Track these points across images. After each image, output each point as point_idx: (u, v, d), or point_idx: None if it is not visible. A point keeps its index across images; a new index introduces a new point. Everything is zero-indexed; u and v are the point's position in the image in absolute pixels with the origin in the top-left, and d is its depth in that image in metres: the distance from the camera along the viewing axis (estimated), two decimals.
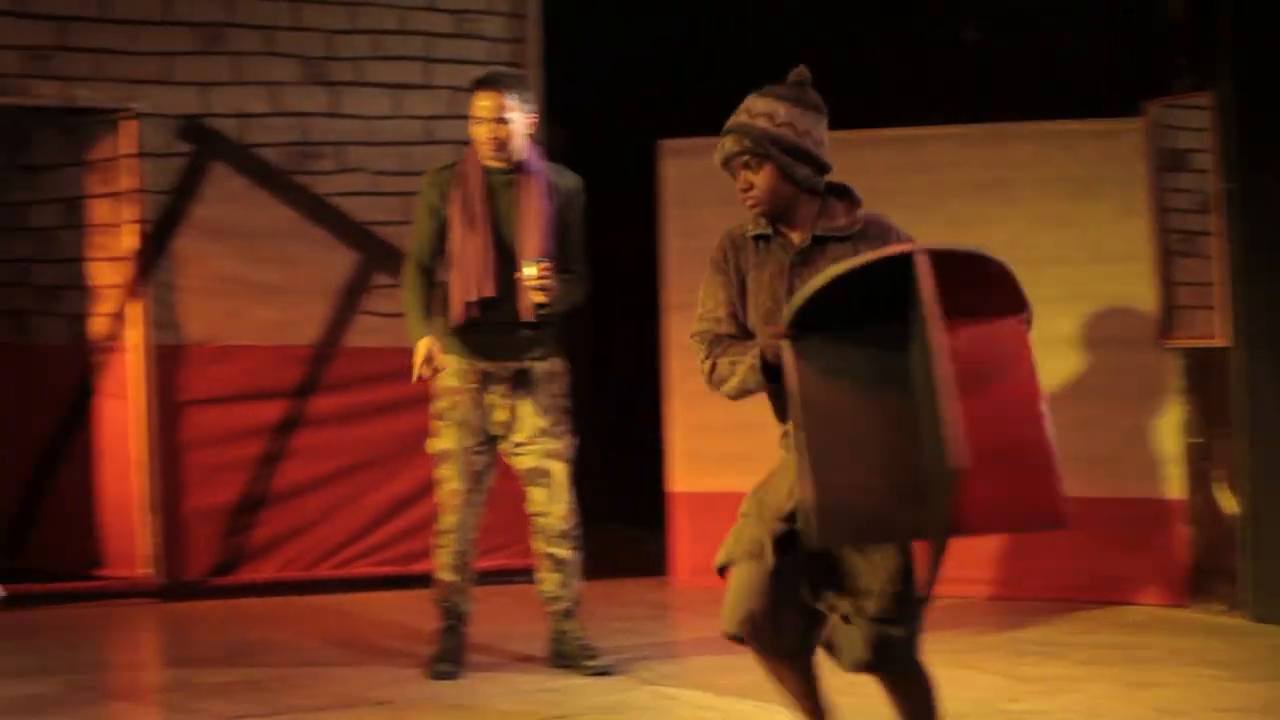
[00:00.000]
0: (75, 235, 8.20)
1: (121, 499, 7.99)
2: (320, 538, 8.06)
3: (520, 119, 6.06)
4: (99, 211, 8.10)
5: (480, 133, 6.07)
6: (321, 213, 8.10)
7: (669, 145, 8.16)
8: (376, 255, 8.13)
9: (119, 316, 7.99)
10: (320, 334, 8.09)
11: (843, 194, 4.29)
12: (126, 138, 7.88)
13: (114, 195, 8.01)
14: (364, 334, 8.10)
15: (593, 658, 6.20)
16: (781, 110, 4.19)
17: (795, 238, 4.24)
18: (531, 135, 6.14)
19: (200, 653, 6.76)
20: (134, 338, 7.90)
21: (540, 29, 8.40)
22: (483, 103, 6.05)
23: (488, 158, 6.07)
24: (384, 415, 8.02)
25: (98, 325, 8.10)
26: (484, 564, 6.75)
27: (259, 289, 8.00)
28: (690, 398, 7.88)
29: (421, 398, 6.43)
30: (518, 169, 6.10)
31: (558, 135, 8.13)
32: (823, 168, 4.22)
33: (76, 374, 8.19)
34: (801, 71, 4.28)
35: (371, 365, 8.04)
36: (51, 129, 8.21)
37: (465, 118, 6.20)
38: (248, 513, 7.99)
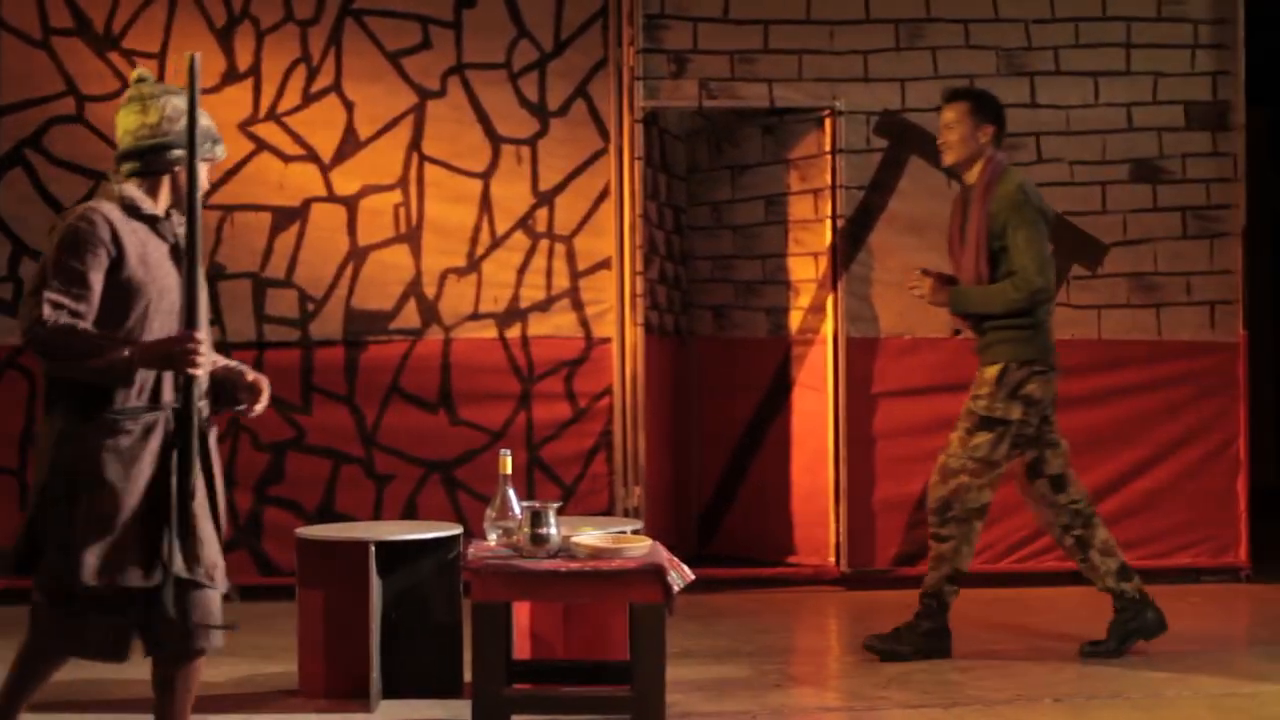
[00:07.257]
0: (775, 231, 8.40)
1: (812, 488, 8.12)
2: (1007, 530, 7.89)
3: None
4: (799, 208, 8.27)
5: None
6: None
7: None
8: (1071, 247, 7.93)
9: (816, 310, 8.14)
10: None
11: None
12: (827, 135, 8.02)
13: (814, 192, 8.15)
14: (1060, 326, 7.82)
15: None
16: None
17: None
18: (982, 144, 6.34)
19: None
20: (828, 330, 8.03)
21: (1243, 8, 8.06)
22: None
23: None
24: (1078, 408, 7.71)
25: (795, 319, 8.28)
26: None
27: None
28: None
29: (1121, 391, 6.62)
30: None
31: (1260, 115, 7.72)
32: None
33: (775, 366, 8.39)
34: None
35: (1069, 358, 7.64)
36: (754, 129, 8.45)
37: (1168, 104, 6.09)
38: None
